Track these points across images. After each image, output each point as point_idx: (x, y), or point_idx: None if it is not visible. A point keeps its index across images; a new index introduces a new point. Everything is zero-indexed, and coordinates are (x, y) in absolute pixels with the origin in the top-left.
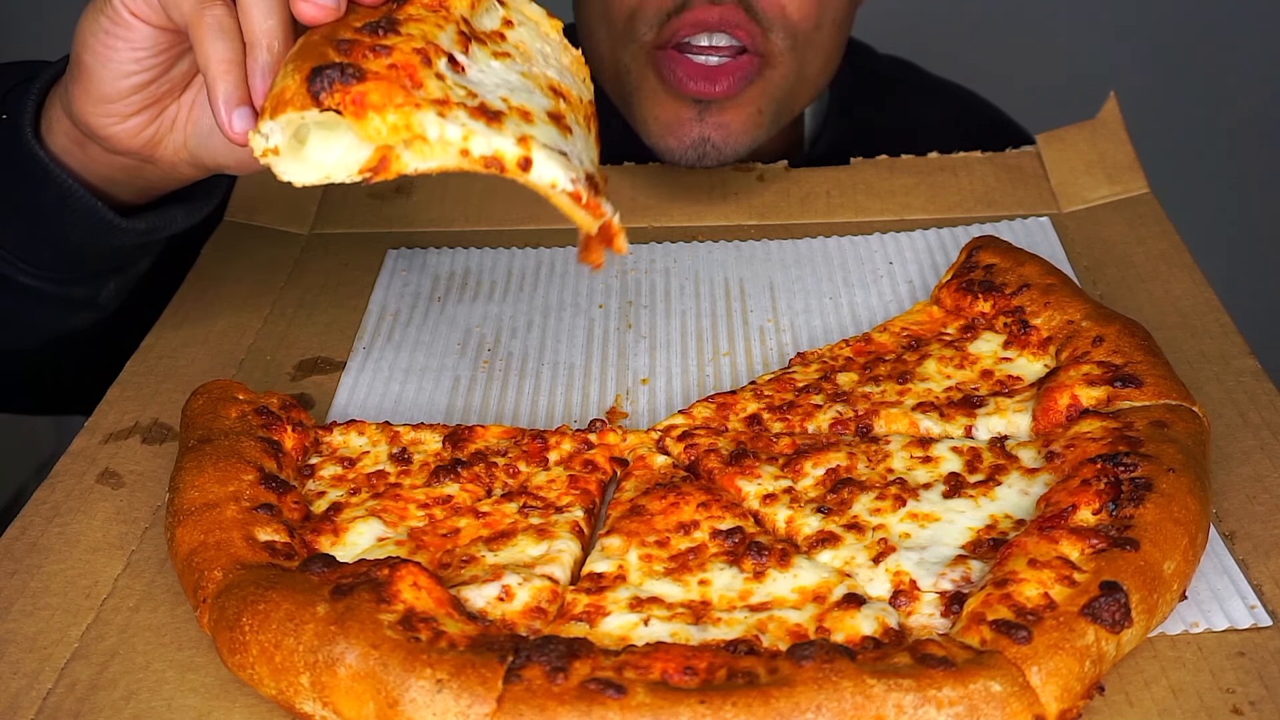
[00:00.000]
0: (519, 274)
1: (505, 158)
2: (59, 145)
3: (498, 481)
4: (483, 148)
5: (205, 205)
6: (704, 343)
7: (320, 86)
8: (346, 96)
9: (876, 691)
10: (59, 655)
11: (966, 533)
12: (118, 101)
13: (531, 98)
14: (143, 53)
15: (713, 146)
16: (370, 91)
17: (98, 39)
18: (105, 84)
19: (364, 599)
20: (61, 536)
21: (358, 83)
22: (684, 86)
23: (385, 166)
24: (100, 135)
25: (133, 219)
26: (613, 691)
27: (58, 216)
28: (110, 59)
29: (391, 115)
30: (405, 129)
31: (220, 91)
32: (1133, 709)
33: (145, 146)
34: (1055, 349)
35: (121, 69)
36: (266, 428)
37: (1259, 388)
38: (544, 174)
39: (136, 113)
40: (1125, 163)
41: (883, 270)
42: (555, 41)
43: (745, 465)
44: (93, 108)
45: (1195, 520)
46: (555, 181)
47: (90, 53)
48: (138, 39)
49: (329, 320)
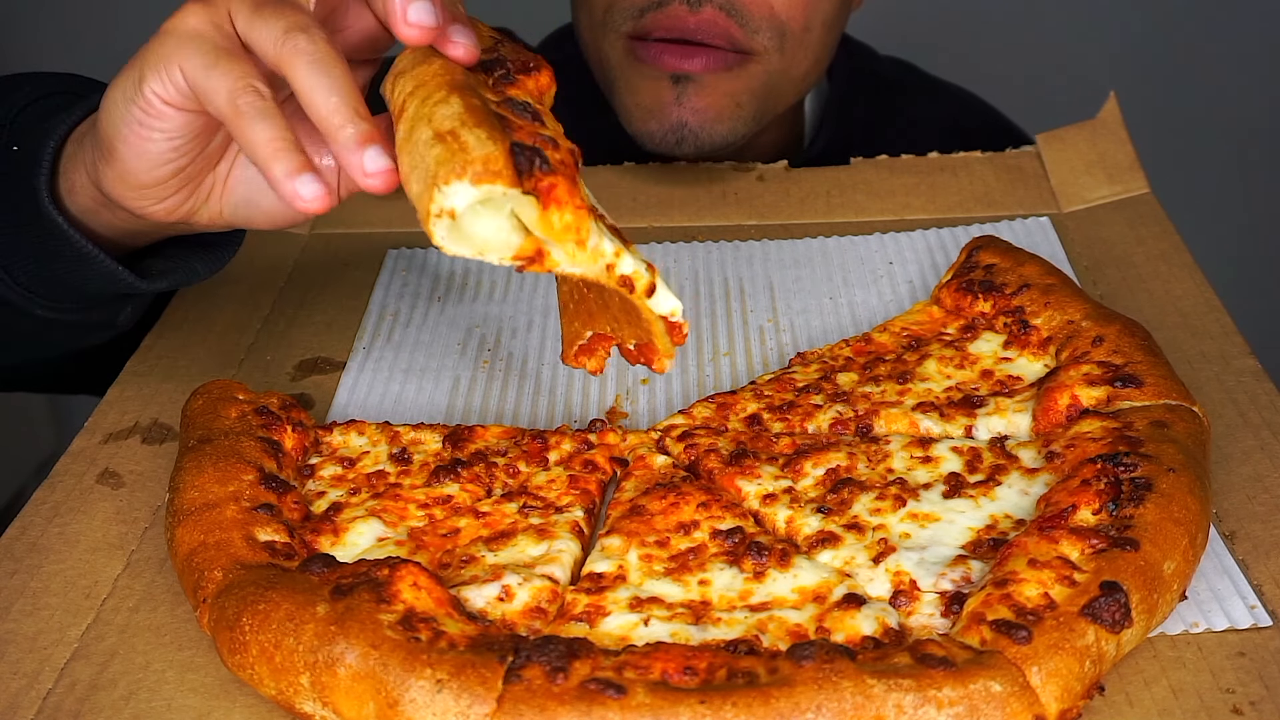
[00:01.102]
0: (519, 274)
1: (639, 282)
2: (80, 206)
3: (498, 481)
4: (626, 268)
5: (227, 253)
6: (704, 343)
7: (524, 167)
8: (541, 184)
9: (876, 691)
10: (59, 655)
11: (966, 533)
12: (154, 187)
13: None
14: (180, 140)
15: (690, 132)
16: (559, 185)
17: (131, 130)
18: (142, 173)
19: (364, 599)
20: (61, 536)
21: (549, 174)
22: (661, 62)
23: (540, 260)
24: (135, 212)
25: (153, 279)
26: (613, 691)
27: (76, 271)
28: (146, 150)
29: (569, 215)
30: (575, 231)
31: (277, 171)
32: (1133, 709)
33: (183, 218)
34: (1055, 349)
35: (159, 158)
36: (266, 428)
37: (1259, 388)
38: (663, 304)
39: (173, 193)
40: (1125, 163)
41: (883, 270)
42: None
43: (745, 465)
44: (128, 192)
45: (1195, 520)
46: (674, 311)
47: (124, 143)
48: (173, 128)
49: (329, 320)
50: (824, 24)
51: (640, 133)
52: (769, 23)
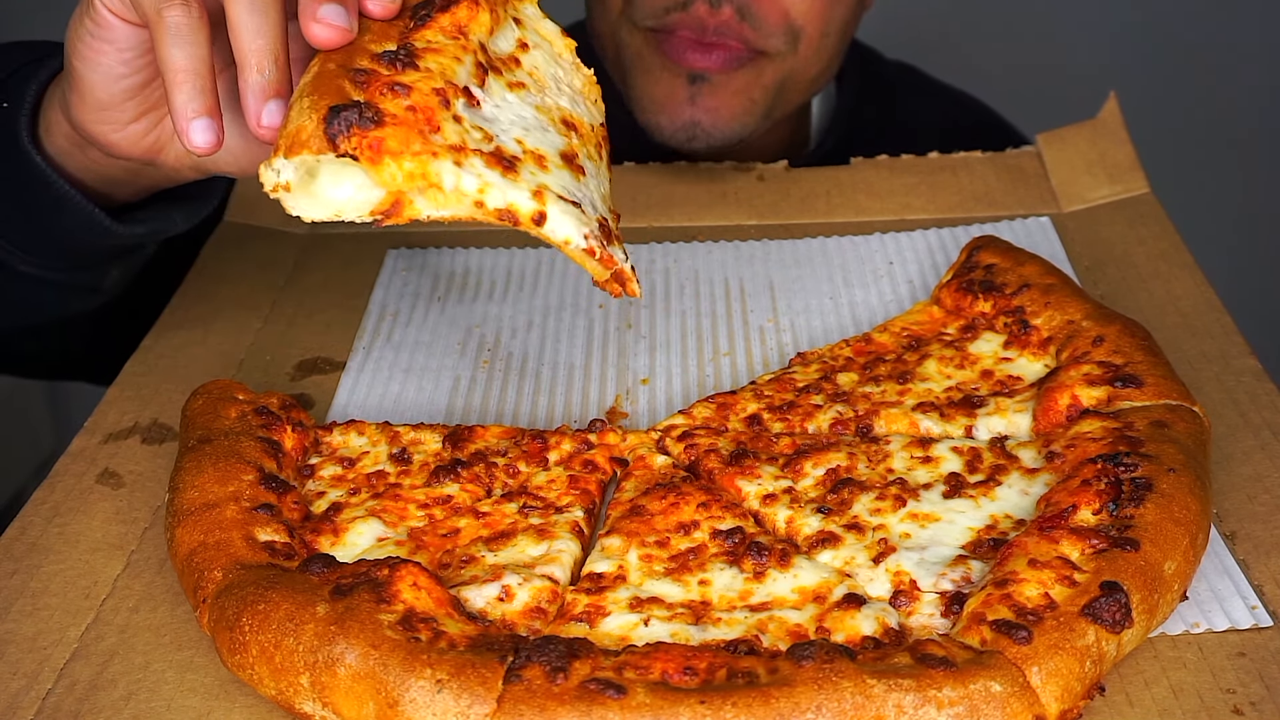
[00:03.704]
0: (519, 274)
1: (520, 212)
2: (57, 147)
3: (498, 481)
4: (498, 201)
5: (204, 206)
6: (704, 343)
7: (337, 129)
8: (364, 141)
9: (876, 691)
10: (59, 655)
11: (967, 533)
12: (114, 108)
13: (545, 136)
14: (129, 53)
15: (702, 130)
16: (388, 137)
17: (84, 43)
18: (99, 89)
19: (364, 599)
20: (61, 536)
21: (376, 127)
22: (681, 58)
23: (398, 211)
24: (101, 142)
25: (131, 224)
26: (613, 692)
27: (55, 217)
28: (99, 63)
29: (408, 163)
30: (421, 177)
31: (176, 102)
32: (1133, 709)
33: (147, 152)
34: (1055, 349)
35: (111, 71)
36: (266, 428)
37: (1259, 388)
38: (558, 229)
39: (135, 119)
40: (1125, 163)
41: (883, 270)
42: (568, 63)
43: (745, 465)
44: (90, 115)
45: (1196, 520)
46: (569, 239)
47: (80, 58)
48: (121, 39)
49: (329, 320)
50: (840, 29)
51: (650, 124)
52: (782, 26)
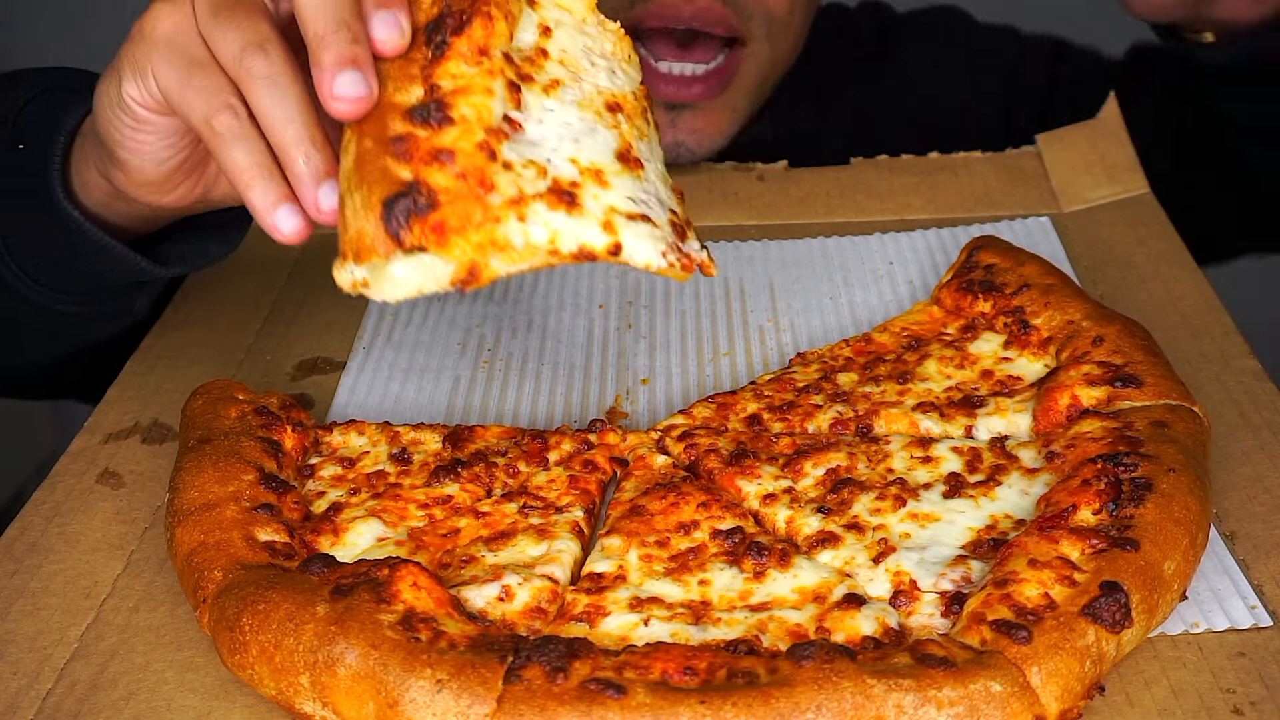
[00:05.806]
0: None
1: (595, 249)
2: (95, 201)
3: (498, 481)
4: (570, 246)
5: (238, 234)
6: (704, 343)
7: (397, 226)
8: (424, 228)
9: (876, 691)
10: (59, 655)
11: (966, 533)
12: (165, 180)
13: (595, 140)
14: (173, 138)
15: (686, 150)
16: (447, 217)
17: (126, 135)
18: (148, 171)
19: (364, 599)
20: (61, 536)
21: (432, 211)
22: (656, 91)
23: (476, 277)
24: (151, 204)
25: (170, 265)
26: (613, 691)
27: (92, 261)
28: (144, 151)
29: (474, 235)
30: (490, 244)
31: (256, 201)
32: (1133, 709)
33: (197, 202)
34: (1055, 349)
35: (158, 155)
36: (266, 428)
37: (1259, 388)
38: (636, 256)
39: (184, 180)
40: (1125, 163)
41: (883, 270)
42: (594, 24)
43: (745, 465)
44: (140, 191)
45: (1195, 520)
46: (649, 263)
47: (124, 149)
48: (163, 128)
49: (329, 320)
50: (804, 5)
51: None
52: (760, 8)
